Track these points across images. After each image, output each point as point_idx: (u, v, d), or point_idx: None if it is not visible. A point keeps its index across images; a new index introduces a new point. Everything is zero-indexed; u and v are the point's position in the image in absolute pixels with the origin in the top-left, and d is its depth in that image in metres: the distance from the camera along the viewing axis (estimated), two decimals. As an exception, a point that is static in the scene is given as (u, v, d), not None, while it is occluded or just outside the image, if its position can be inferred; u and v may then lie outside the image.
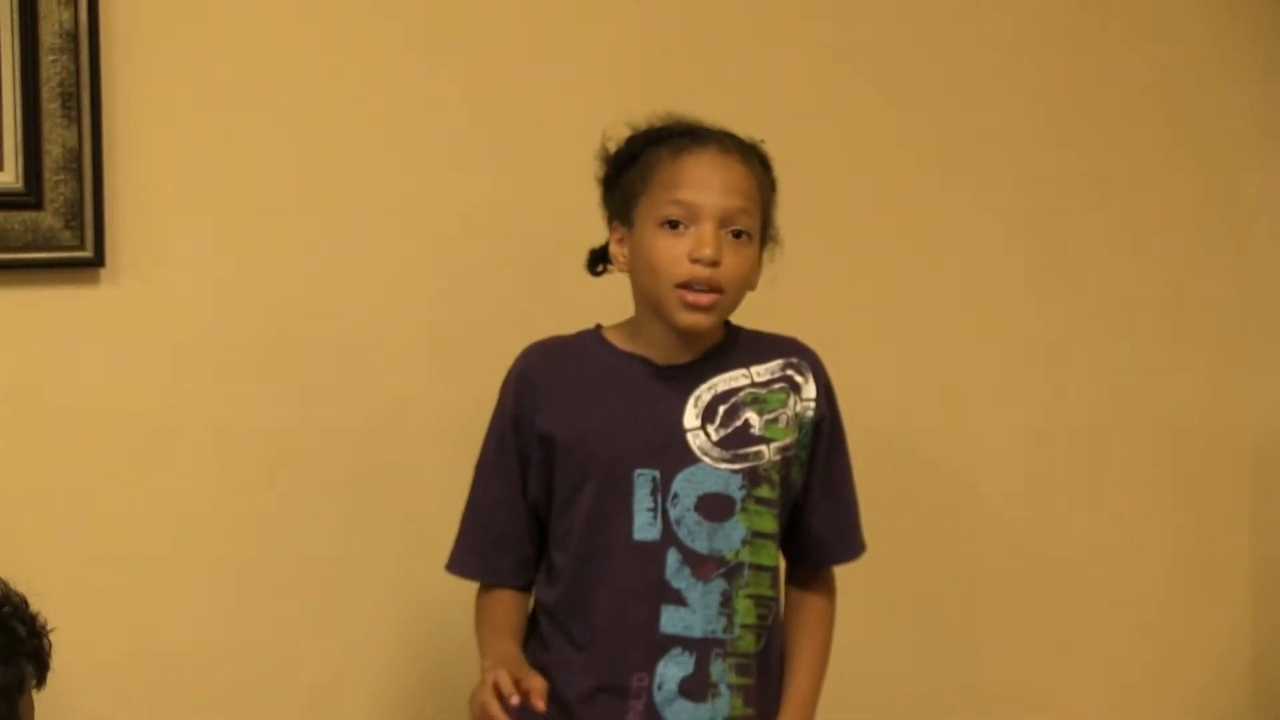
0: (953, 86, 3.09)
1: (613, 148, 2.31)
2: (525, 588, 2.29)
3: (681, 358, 2.24)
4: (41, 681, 1.88)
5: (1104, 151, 3.22)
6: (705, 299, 2.16)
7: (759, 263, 2.25)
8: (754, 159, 2.25)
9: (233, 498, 2.61)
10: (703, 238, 2.15)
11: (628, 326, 2.28)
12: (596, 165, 2.32)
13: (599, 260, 2.33)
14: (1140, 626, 3.33)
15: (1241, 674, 3.41)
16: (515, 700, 2.07)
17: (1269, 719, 3.39)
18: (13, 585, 1.90)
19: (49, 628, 1.90)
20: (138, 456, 2.57)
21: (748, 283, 2.22)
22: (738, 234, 2.18)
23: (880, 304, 3.06)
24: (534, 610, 2.31)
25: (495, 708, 2.08)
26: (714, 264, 2.16)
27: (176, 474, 2.58)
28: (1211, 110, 3.31)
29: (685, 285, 2.16)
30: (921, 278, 3.10)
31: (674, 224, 2.17)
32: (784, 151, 2.35)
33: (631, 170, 2.24)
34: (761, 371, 2.27)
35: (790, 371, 2.28)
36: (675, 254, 2.16)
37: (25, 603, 1.89)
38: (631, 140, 2.28)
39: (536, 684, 2.11)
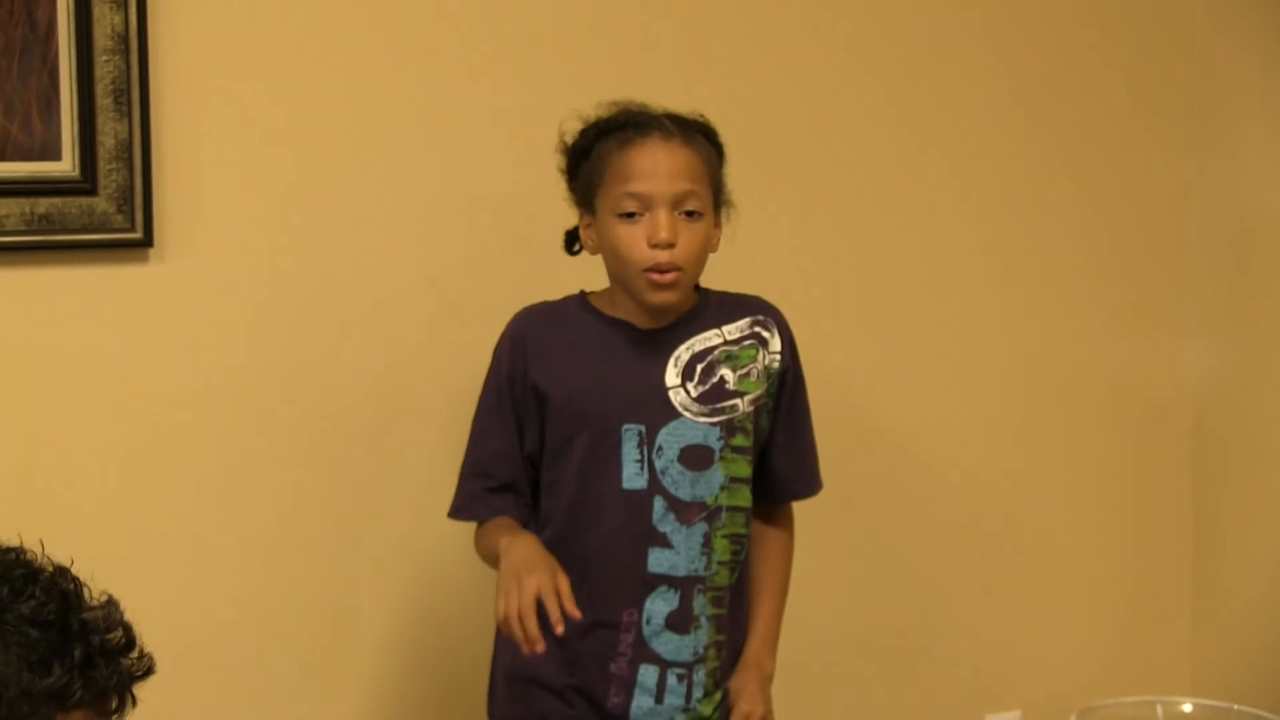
0: (918, 73, 3.11)
1: (570, 140, 2.36)
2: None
3: (660, 322, 2.34)
4: (108, 711, 1.59)
5: (1058, 138, 3.23)
6: (669, 277, 2.26)
7: (716, 229, 2.32)
8: (697, 136, 2.30)
9: (261, 450, 2.70)
10: (658, 223, 2.24)
11: (609, 294, 2.37)
12: (557, 158, 2.37)
13: (574, 240, 2.40)
14: (1087, 574, 3.34)
15: (1182, 621, 3.40)
16: (560, 630, 2.12)
17: (1206, 665, 3.38)
18: (120, 610, 1.61)
19: (140, 662, 1.60)
20: (180, 416, 2.65)
21: (706, 253, 2.30)
22: (689, 213, 2.27)
23: (846, 272, 3.09)
24: None
25: (531, 623, 2.11)
26: (670, 246, 2.25)
27: (216, 430, 2.68)
28: (1152, 97, 3.31)
29: (649, 269, 2.25)
30: (884, 249, 3.11)
31: (630, 214, 2.26)
32: (753, 131, 2.41)
33: (587, 163, 2.31)
34: (732, 330, 2.37)
35: (758, 328, 2.38)
36: (635, 240, 2.25)
37: (113, 627, 1.58)
38: (583, 133, 2.33)
39: (564, 587, 2.15)
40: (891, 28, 3.10)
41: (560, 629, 2.12)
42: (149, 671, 1.61)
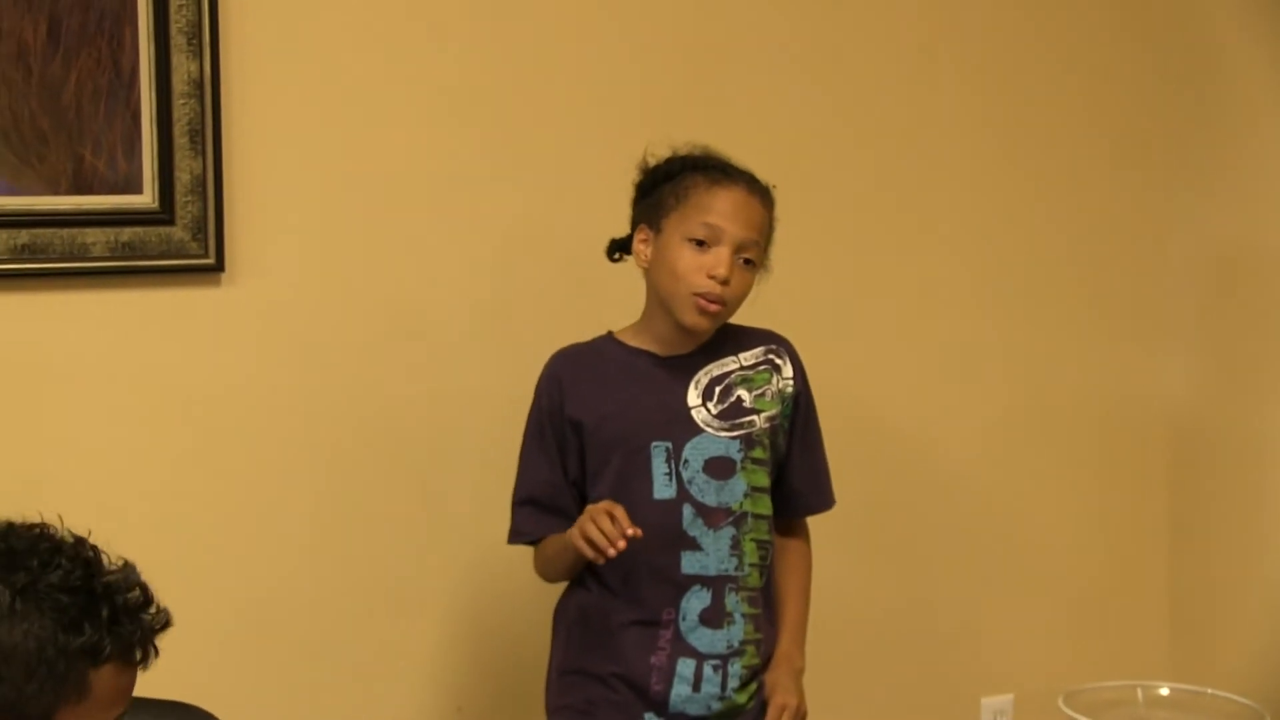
0: (921, 103, 3.21)
1: (653, 162, 2.49)
2: None
3: (681, 349, 2.48)
4: (133, 662, 1.64)
5: (1047, 172, 3.31)
6: (713, 308, 2.41)
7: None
8: (769, 201, 2.46)
9: (320, 460, 2.81)
10: (720, 259, 2.40)
11: (635, 327, 2.52)
12: (635, 173, 2.48)
13: (618, 249, 2.54)
14: (1075, 570, 3.43)
15: (1160, 612, 3.49)
16: (630, 532, 2.28)
17: (1182, 652, 3.48)
18: (137, 571, 1.67)
19: (159, 616, 1.65)
20: (244, 425, 2.77)
21: (745, 298, 2.46)
22: (746, 262, 2.42)
23: (853, 299, 3.18)
24: None
25: (606, 523, 2.27)
26: (725, 283, 2.40)
27: (278, 439, 2.78)
28: (1136, 132, 3.39)
29: (700, 295, 2.40)
30: (886, 276, 3.21)
31: (700, 242, 2.40)
32: (761, 163, 2.50)
33: (666, 186, 2.45)
34: (748, 357, 2.52)
35: (771, 355, 2.53)
36: (695, 266, 2.40)
37: (131, 587, 1.64)
38: (671, 161, 2.47)
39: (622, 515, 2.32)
40: (910, 76, 3.19)
41: (630, 531, 2.28)
42: (167, 624, 1.66)
